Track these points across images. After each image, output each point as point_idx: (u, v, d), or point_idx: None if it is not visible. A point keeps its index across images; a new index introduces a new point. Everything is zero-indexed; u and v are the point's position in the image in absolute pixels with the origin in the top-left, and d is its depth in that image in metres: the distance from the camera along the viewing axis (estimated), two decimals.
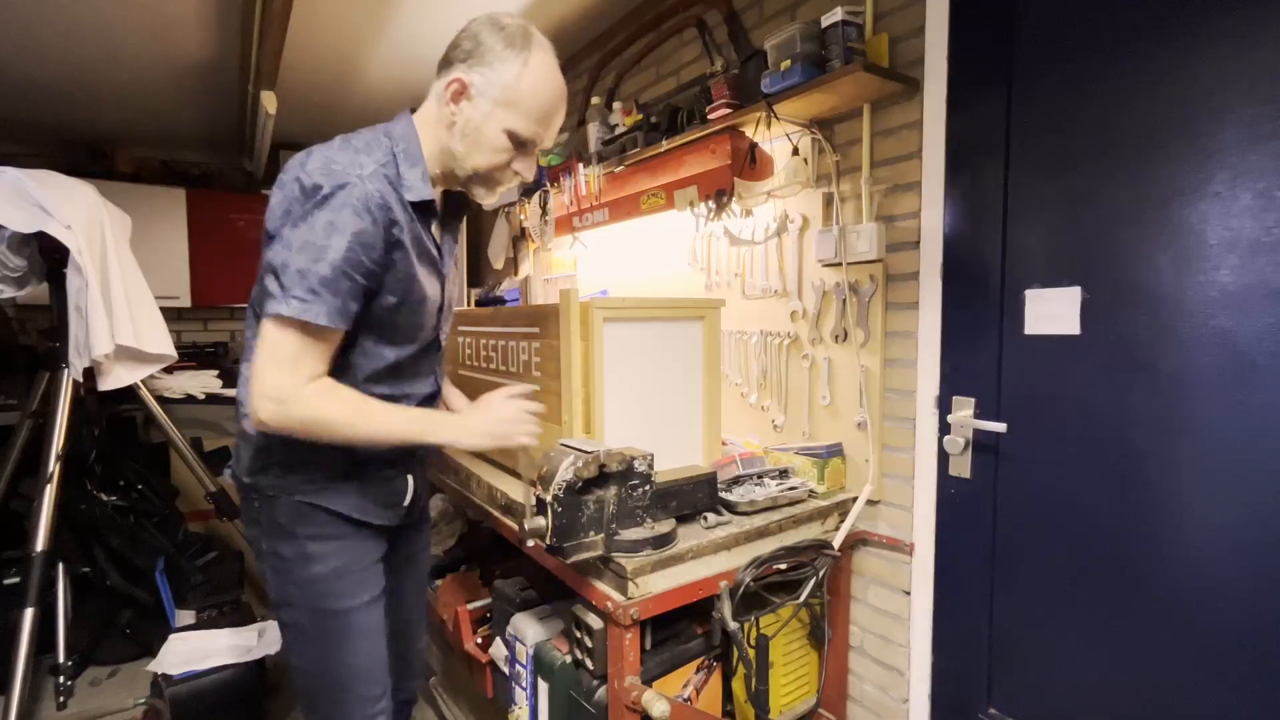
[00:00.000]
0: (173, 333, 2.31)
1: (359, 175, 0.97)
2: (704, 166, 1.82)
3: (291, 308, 0.94)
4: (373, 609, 1.18)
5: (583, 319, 1.42)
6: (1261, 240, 1.07)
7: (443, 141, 1.08)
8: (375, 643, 1.19)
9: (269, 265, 0.97)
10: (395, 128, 1.08)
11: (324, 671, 1.16)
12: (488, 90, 1.04)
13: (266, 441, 1.09)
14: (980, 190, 1.42)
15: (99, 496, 2.55)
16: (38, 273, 2.07)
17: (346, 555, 1.15)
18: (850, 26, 1.46)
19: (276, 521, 1.12)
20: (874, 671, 1.67)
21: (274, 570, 1.15)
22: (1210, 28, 1.11)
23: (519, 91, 1.04)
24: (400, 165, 1.05)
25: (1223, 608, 1.13)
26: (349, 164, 0.98)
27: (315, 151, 1.01)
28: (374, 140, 1.05)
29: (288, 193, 0.99)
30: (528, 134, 1.08)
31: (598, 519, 1.21)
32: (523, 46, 1.04)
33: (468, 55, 1.04)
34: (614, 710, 1.26)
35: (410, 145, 1.07)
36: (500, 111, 1.05)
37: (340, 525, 1.14)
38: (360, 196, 0.96)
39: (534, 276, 2.92)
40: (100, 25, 2.23)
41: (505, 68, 1.03)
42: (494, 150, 1.08)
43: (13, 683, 1.87)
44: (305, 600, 1.13)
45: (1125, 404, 1.23)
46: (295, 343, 0.97)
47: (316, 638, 1.15)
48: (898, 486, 1.59)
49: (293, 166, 1.01)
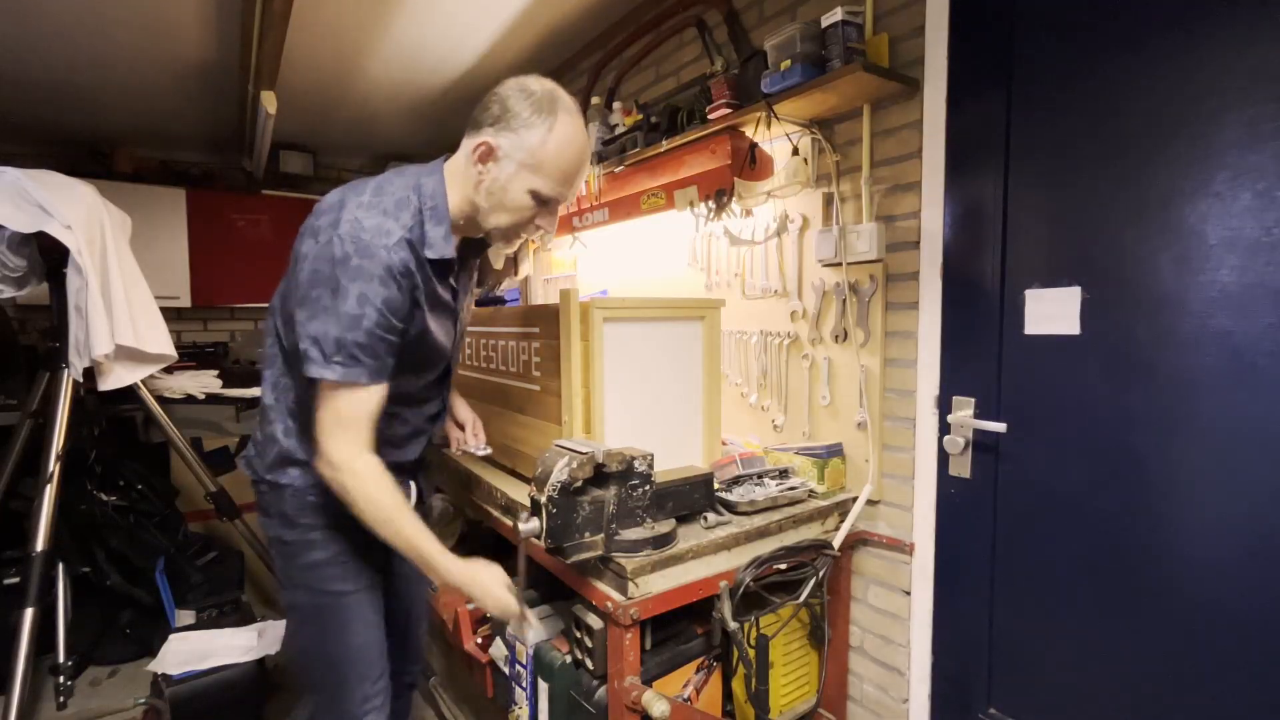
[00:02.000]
0: (173, 333, 2.31)
1: (385, 245, 1.04)
2: (704, 166, 1.82)
3: (337, 373, 1.04)
4: (369, 594, 1.27)
5: (583, 319, 1.42)
6: (1261, 240, 1.07)
7: (469, 196, 1.14)
8: (372, 625, 1.27)
9: (310, 335, 1.04)
10: (426, 183, 1.13)
11: (323, 649, 1.24)
12: (514, 154, 1.09)
13: (291, 446, 1.19)
14: (980, 190, 1.42)
15: (99, 496, 2.55)
16: (38, 273, 2.07)
17: (345, 543, 1.22)
18: (850, 26, 1.46)
19: (282, 510, 1.21)
20: (874, 671, 1.67)
21: (279, 554, 1.25)
22: (1210, 27, 1.11)
23: (543, 155, 1.09)
24: (426, 225, 1.11)
25: (1222, 607, 1.13)
26: (376, 231, 1.05)
27: (348, 204, 1.07)
28: (404, 200, 1.10)
29: (321, 249, 1.04)
30: (551, 194, 1.13)
31: (593, 520, 1.21)
32: (549, 112, 1.08)
33: (496, 119, 1.09)
34: (614, 710, 1.26)
35: (438, 202, 1.12)
36: (525, 174, 1.10)
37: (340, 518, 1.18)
38: (386, 267, 1.04)
39: (534, 276, 2.92)
40: (100, 25, 2.23)
41: (530, 133, 1.08)
42: (517, 209, 1.14)
43: (13, 683, 1.87)
44: (305, 582, 1.22)
45: (1125, 404, 1.23)
46: (346, 403, 1.07)
47: (315, 617, 1.24)
48: (898, 486, 1.59)
49: (325, 218, 1.07)
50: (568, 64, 2.73)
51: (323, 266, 1.04)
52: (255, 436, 1.26)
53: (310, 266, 1.05)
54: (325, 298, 1.03)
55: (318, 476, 1.17)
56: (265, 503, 1.24)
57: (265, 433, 1.23)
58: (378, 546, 1.22)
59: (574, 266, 2.78)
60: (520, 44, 2.54)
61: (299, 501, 1.20)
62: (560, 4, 2.26)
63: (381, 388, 1.10)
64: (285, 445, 1.20)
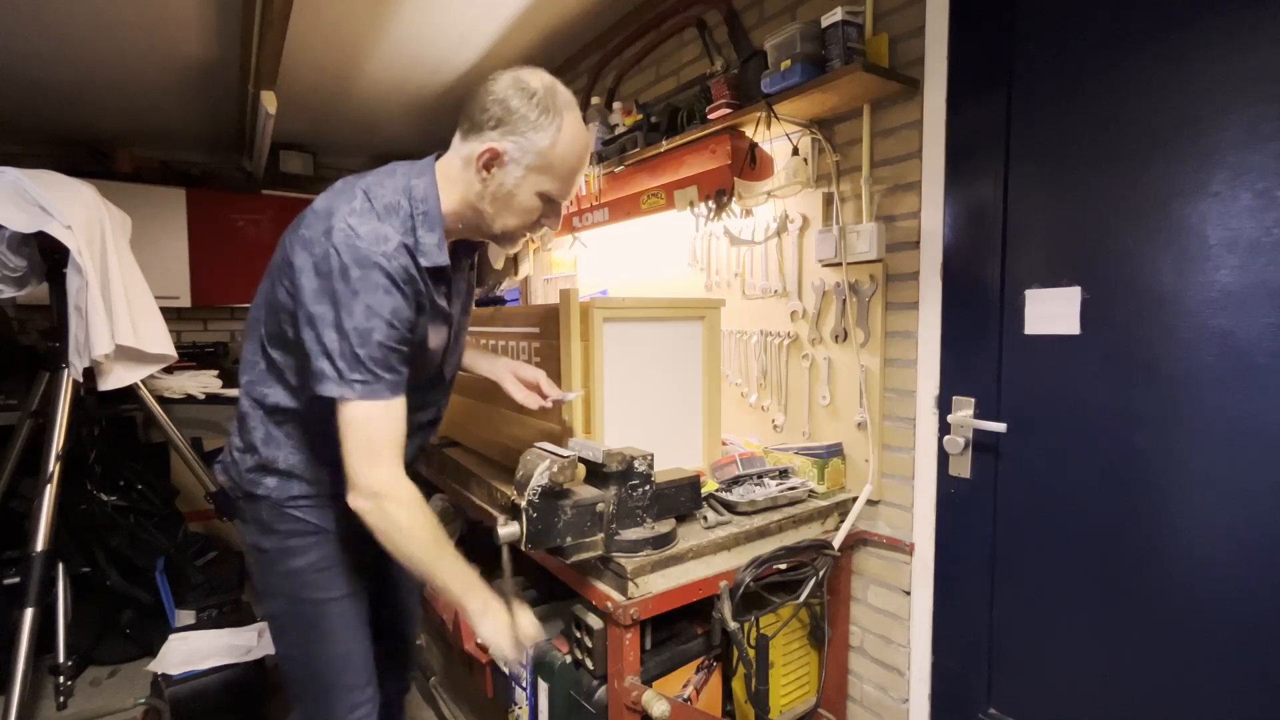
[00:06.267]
0: (173, 333, 2.31)
1: (384, 253, 1.00)
2: (704, 166, 1.82)
3: (357, 391, 0.99)
4: (351, 601, 1.22)
5: (583, 319, 1.42)
6: (1261, 240, 1.07)
7: (470, 202, 1.10)
8: (355, 633, 1.22)
9: (323, 350, 0.99)
10: (417, 185, 1.08)
11: (305, 660, 1.20)
12: (521, 158, 1.05)
13: (270, 455, 1.15)
14: (980, 190, 1.42)
15: (99, 496, 2.55)
16: (38, 273, 2.07)
17: (325, 550, 1.18)
18: (850, 26, 1.46)
19: (260, 518, 1.17)
20: (874, 671, 1.67)
21: (257, 562, 1.20)
22: (1210, 27, 1.11)
23: (553, 156, 1.05)
24: (419, 230, 1.06)
25: (1222, 607, 1.13)
26: (372, 239, 1.00)
27: (338, 211, 1.01)
28: (395, 203, 1.05)
29: (319, 262, 0.99)
30: (558, 194, 1.11)
31: (575, 524, 1.19)
32: (555, 112, 1.04)
33: (499, 122, 1.03)
34: (614, 710, 1.26)
35: (430, 207, 1.08)
36: (534, 176, 1.07)
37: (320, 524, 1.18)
38: (388, 275, 1.00)
39: (534, 276, 2.92)
40: (100, 25, 2.23)
41: (539, 135, 1.04)
42: (526, 211, 1.10)
43: (13, 683, 1.87)
44: (284, 590, 1.18)
45: (1125, 404, 1.23)
46: (372, 423, 1.01)
47: (295, 627, 1.20)
48: (898, 486, 1.59)
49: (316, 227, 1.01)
50: (568, 64, 2.73)
51: (322, 281, 0.99)
52: (232, 443, 1.21)
53: (309, 283, 1.00)
54: (330, 314, 0.99)
55: (298, 487, 1.15)
56: (241, 510, 1.20)
57: (244, 440, 1.17)
58: (360, 553, 1.21)
59: (574, 266, 2.78)
60: (520, 44, 2.54)
61: (276, 511, 1.15)
62: (560, 4, 2.26)
63: (403, 401, 1.05)
64: (265, 454, 1.15)
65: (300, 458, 1.15)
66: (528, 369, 1.41)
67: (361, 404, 1.00)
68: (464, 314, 1.29)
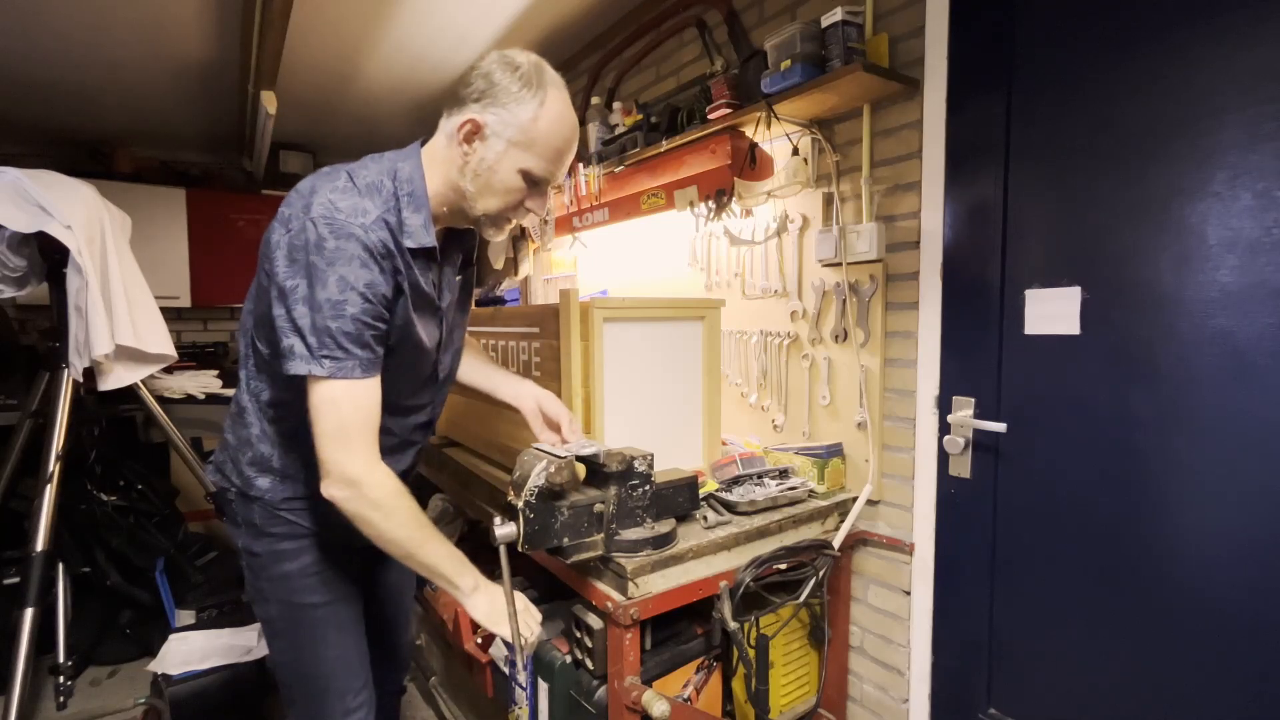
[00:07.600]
0: (173, 333, 2.31)
1: (362, 225, 0.97)
2: (704, 166, 1.82)
3: (326, 368, 0.96)
4: (344, 605, 1.20)
5: (583, 319, 1.42)
6: (1261, 240, 1.07)
7: (452, 181, 1.06)
8: (349, 636, 1.21)
9: (292, 325, 0.97)
10: (402, 167, 1.05)
11: (298, 664, 1.19)
12: (503, 131, 1.02)
13: (267, 452, 1.13)
14: (980, 190, 1.42)
15: (99, 496, 2.55)
16: (38, 273, 2.07)
17: (317, 553, 1.17)
18: (850, 26, 1.46)
19: (251, 520, 1.15)
20: (874, 671, 1.67)
21: (248, 566, 1.18)
22: (1210, 27, 1.11)
23: (535, 132, 1.02)
24: (403, 210, 1.03)
25: (1222, 607, 1.13)
26: (351, 211, 0.98)
27: (320, 189, 1.00)
28: (378, 183, 1.03)
29: (294, 237, 0.97)
30: (542, 173, 1.07)
31: (572, 524, 1.19)
32: (539, 86, 1.02)
33: (481, 95, 1.01)
34: (614, 710, 1.26)
35: (416, 188, 1.05)
36: (515, 152, 1.03)
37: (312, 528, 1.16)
38: (364, 246, 0.97)
39: (534, 276, 2.92)
40: (100, 25, 2.23)
41: (521, 109, 1.01)
42: (507, 190, 1.06)
43: (13, 683, 1.87)
44: (276, 594, 1.16)
45: (1125, 404, 1.23)
46: (344, 404, 0.98)
47: (288, 631, 1.18)
48: (898, 486, 1.59)
49: (296, 204, 1.00)
50: (568, 64, 2.73)
51: (297, 254, 0.96)
52: (227, 440, 1.19)
53: (284, 256, 0.97)
54: (302, 287, 0.96)
55: (292, 488, 1.13)
56: (233, 512, 1.17)
57: (240, 435, 1.16)
58: (354, 555, 1.20)
59: (574, 266, 2.78)
60: (520, 44, 2.53)
61: (268, 513, 1.13)
62: (560, 4, 2.27)
63: (377, 382, 1.02)
64: (261, 450, 1.13)
65: (293, 456, 1.13)
66: (554, 404, 1.33)
67: (332, 384, 0.97)
68: (460, 312, 1.26)
